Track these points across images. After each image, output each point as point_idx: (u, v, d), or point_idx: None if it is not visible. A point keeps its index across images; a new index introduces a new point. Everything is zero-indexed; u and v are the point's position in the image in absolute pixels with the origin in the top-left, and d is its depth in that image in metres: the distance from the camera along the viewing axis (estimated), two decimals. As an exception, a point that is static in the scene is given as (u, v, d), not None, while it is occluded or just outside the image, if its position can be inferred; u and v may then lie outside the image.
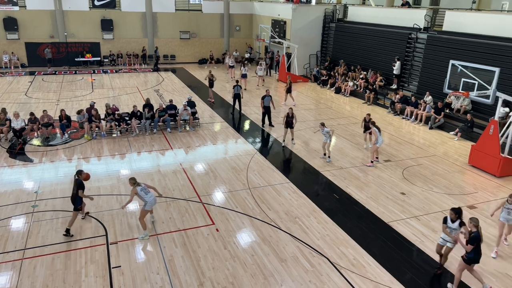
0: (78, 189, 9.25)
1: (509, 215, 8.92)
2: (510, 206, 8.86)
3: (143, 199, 9.21)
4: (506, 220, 9.01)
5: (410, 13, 22.74)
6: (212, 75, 21.83)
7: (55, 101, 20.96)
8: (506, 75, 15.54)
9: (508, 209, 8.90)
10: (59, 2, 29.24)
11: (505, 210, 8.94)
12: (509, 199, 8.86)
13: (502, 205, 9.01)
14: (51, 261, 8.50)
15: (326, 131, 13.78)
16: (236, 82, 20.03)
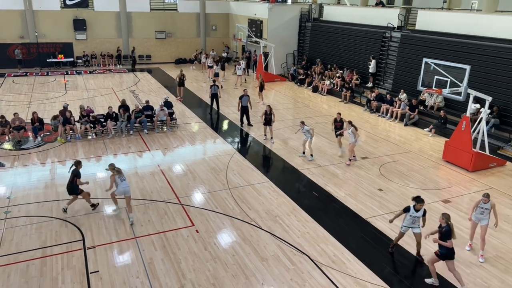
0: (74, 178, 9.99)
1: (482, 215, 8.81)
2: (483, 206, 8.75)
3: (117, 185, 9.95)
4: (478, 219, 8.88)
5: (384, 13, 23.16)
6: (183, 74, 21.86)
7: (27, 104, 20.36)
8: (477, 73, 16.01)
9: (481, 209, 8.78)
10: (29, 2, 28.40)
11: (478, 210, 8.82)
12: (483, 198, 8.72)
13: (476, 205, 8.88)
14: (26, 269, 8.24)
15: (306, 130, 13.82)
16: (213, 82, 20.03)
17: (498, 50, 16.36)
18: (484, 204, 8.77)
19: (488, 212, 8.80)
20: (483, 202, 8.76)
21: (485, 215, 8.82)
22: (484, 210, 8.81)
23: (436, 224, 10.23)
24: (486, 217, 8.83)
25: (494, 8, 19.27)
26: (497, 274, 8.45)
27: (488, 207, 8.76)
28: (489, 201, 8.73)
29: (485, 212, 8.81)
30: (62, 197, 11.11)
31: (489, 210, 8.79)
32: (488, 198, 8.73)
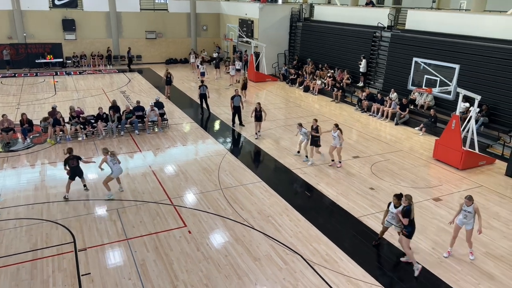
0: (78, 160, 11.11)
1: (465, 219, 8.56)
2: (466, 209, 8.50)
3: (111, 168, 10.97)
4: (462, 223, 8.66)
5: (374, 12, 23.29)
6: (170, 73, 22.39)
7: (15, 105, 20.11)
8: (466, 72, 16.18)
9: (464, 212, 8.53)
10: (17, 2, 28.04)
11: (462, 213, 8.58)
12: (466, 201, 8.49)
13: (461, 208, 8.66)
14: (16, 272, 8.14)
15: (304, 132, 13.92)
16: (202, 82, 20.05)
17: (487, 50, 16.55)
18: (467, 207, 8.50)
19: (472, 216, 8.51)
20: (466, 204, 8.50)
21: (469, 219, 8.54)
22: (467, 214, 8.51)
23: (426, 222, 10.36)
24: (470, 222, 8.56)
25: (482, 8, 19.49)
26: (487, 271, 8.54)
27: (471, 211, 8.48)
28: (472, 204, 8.46)
29: (468, 216, 8.52)
30: (52, 199, 11.01)
31: (472, 214, 8.50)
32: (470, 200, 8.46)
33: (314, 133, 13.38)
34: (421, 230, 9.94)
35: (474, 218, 8.57)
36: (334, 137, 13.23)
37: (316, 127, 13.37)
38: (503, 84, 15.84)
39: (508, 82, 15.67)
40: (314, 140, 13.48)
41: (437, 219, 10.49)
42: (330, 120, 19.00)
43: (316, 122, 13.56)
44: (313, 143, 13.53)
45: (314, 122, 13.57)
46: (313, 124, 13.57)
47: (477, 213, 8.54)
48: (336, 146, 13.34)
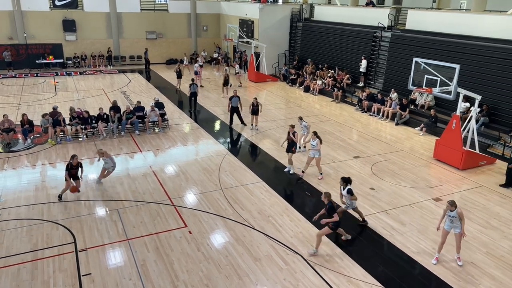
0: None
1: (452, 223, 8.48)
2: (450, 214, 8.42)
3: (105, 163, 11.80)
4: (450, 227, 8.55)
5: (374, 12, 23.29)
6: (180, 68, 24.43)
7: (16, 105, 20.13)
8: (466, 71, 16.17)
9: (450, 217, 8.46)
10: (17, 3, 28.08)
11: (448, 218, 8.50)
12: (448, 205, 8.41)
13: (444, 213, 8.57)
14: (17, 272, 8.15)
15: (304, 125, 14.28)
16: (192, 81, 20.50)
17: (487, 49, 16.55)
18: (451, 212, 8.43)
19: (458, 220, 8.41)
20: (449, 210, 8.43)
21: (455, 223, 8.45)
22: (452, 219, 8.44)
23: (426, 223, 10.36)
24: (458, 225, 8.46)
25: (482, 8, 19.49)
26: (487, 271, 8.54)
27: (455, 215, 8.38)
28: (455, 209, 8.37)
29: (454, 220, 8.44)
30: (53, 199, 11.02)
31: (457, 218, 8.40)
32: (453, 206, 8.37)
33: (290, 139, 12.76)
34: (421, 231, 9.96)
35: (460, 222, 8.45)
36: (313, 145, 12.35)
37: (293, 133, 12.78)
38: (504, 84, 15.83)
39: (508, 82, 15.67)
40: (290, 146, 12.87)
41: (438, 219, 10.43)
42: (330, 120, 19.02)
43: (293, 128, 12.87)
44: (289, 149, 12.93)
45: (291, 128, 12.86)
46: (289, 130, 12.87)
47: (461, 217, 8.41)
48: (314, 157, 12.47)
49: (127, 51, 32.22)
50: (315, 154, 12.45)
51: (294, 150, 12.95)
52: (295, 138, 12.95)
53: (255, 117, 17.12)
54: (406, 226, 10.13)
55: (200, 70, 27.48)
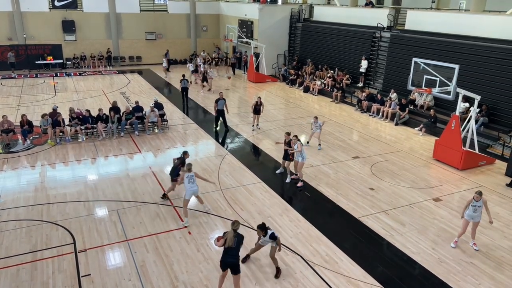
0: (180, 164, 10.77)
1: (475, 213, 8.96)
2: (476, 204, 8.89)
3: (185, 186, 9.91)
4: (471, 217, 9.03)
5: (374, 13, 23.30)
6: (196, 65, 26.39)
7: (16, 106, 20.12)
8: (465, 72, 16.18)
9: (474, 207, 8.92)
10: (16, 3, 28.07)
11: (471, 208, 8.96)
12: (476, 196, 8.87)
13: (468, 203, 9.02)
14: (16, 273, 8.14)
15: (319, 124, 14.94)
16: (183, 76, 21.31)
17: (486, 50, 16.56)
18: (477, 202, 8.93)
19: (481, 210, 8.97)
20: (475, 199, 8.92)
21: (478, 213, 9.01)
22: (477, 208, 8.95)
23: (426, 223, 10.35)
24: (479, 215, 9.02)
25: (481, 8, 19.50)
26: (487, 271, 8.54)
27: (480, 205, 8.95)
28: (481, 199, 8.91)
29: (478, 209, 8.96)
30: (52, 200, 11.01)
31: (481, 208, 8.96)
32: (480, 195, 8.89)
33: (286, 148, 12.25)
34: (421, 230, 9.96)
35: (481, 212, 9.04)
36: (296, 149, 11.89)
37: (288, 141, 12.19)
38: (503, 84, 15.84)
39: (507, 82, 15.68)
40: (286, 154, 12.40)
41: (437, 219, 10.49)
42: (329, 120, 19.01)
43: (289, 136, 12.32)
44: (285, 157, 12.50)
45: (287, 136, 12.39)
46: (285, 138, 12.42)
47: (485, 205, 9.02)
48: (298, 161, 12.01)
49: (126, 51, 32.20)
50: (298, 158, 11.93)
51: (291, 158, 12.29)
52: (291, 146, 12.02)
53: (257, 116, 17.21)
54: (406, 227, 10.13)
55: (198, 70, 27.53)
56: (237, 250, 7.28)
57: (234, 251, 7.27)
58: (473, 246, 9.26)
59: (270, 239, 8.02)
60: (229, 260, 7.30)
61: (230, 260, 7.31)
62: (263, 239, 8.12)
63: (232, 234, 7.29)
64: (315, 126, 14.98)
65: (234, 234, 7.30)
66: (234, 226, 7.40)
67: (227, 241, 7.24)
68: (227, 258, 7.31)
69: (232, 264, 7.31)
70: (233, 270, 7.34)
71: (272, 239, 8.02)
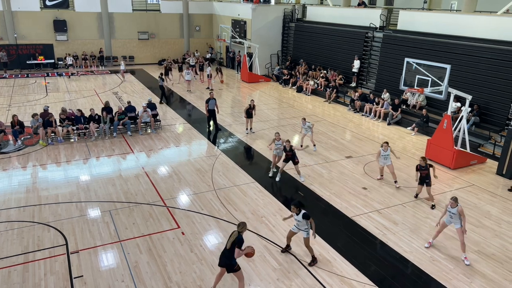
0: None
1: (451, 219, 8.75)
2: (451, 210, 8.68)
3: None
4: (449, 222, 8.87)
5: (366, 13, 23.40)
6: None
7: (6, 106, 19.92)
8: (457, 72, 16.32)
9: (450, 213, 8.72)
10: (7, 3, 27.80)
11: (448, 214, 8.78)
12: (451, 201, 8.66)
13: (445, 209, 8.88)
14: (8, 275, 8.06)
15: (308, 126, 14.65)
16: (161, 75, 21.68)
17: (477, 50, 16.70)
18: (451, 208, 8.67)
19: (458, 217, 8.65)
20: (451, 206, 8.68)
21: (455, 219, 8.72)
22: (452, 215, 8.70)
23: (419, 222, 10.42)
24: (457, 221, 8.70)
25: (473, 8, 19.67)
26: (479, 269, 8.62)
27: (455, 212, 8.62)
28: (456, 206, 8.60)
29: (453, 216, 8.69)
30: (44, 201, 10.92)
31: (457, 215, 8.63)
32: (455, 202, 8.61)
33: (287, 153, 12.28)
34: (414, 230, 10.02)
35: (460, 218, 8.70)
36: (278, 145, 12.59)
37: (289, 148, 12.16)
38: (494, 84, 15.99)
39: (498, 82, 15.83)
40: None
41: (430, 218, 10.57)
42: (323, 120, 19.07)
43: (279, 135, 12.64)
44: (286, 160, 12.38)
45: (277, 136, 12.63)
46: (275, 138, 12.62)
47: (462, 215, 8.66)
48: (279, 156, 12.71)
49: (119, 51, 32.03)
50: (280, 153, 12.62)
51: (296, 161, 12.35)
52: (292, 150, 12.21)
53: (250, 120, 16.95)
54: (399, 226, 10.19)
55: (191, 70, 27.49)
56: (231, 252, 7.23)
57: (227, 252, 7.25)
58: (464, 261, 8.77)
59: (303, 218, 8.21)
60: (223, 260, 7.31)
61: (224, 260, 7.31)
62: (296, 217, 8.29)
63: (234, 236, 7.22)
64: (304, 127, 14.85)
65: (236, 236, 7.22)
66: (239, 228, 7.33)
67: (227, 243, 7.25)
68: (222, 258, 7.33)
69: (225, 265, 7.32)
70: (228, 269, 7.36)
71: (305, 219, 8.20)
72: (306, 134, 14.98)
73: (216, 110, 17.30)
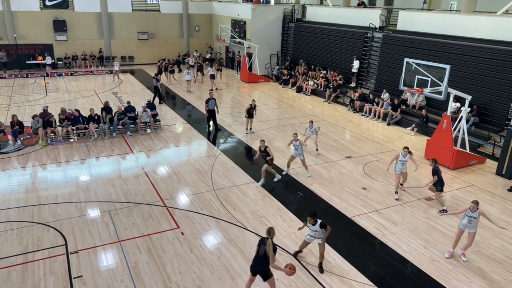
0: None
1: (470, 223, 8.49)
2: (471, 214, 8.40)
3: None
4: (464, 227, 8.62)
5: (366, 13, 23.41)
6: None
7: (6, 106, 19.92)
8: (457, 72, 16.32)
9: (469, 217, 8.44)
10: (7, 3, 27.79)
11: (466, 218, 8.49)
12: (472, 205, 8.39)
13: (464, 212, 8.60)
14: (7, 275, 8.06)
15: (314, 128, 14.56)
16: (155, 75, 21.20)
17: (477, 50, 16.71)
18: (472, 212, 8.41)
19: (477, 221, 8.47)
20: (471, 210, 8.40)
21: (473, 224, 8.50)
22: (472, 219, 8.44)
23: (418, 222, 10.42)
24: (474, 225, 8.53)
25: (472, 8, 19.68)
26: (478, 269, 8.62)
27: (476, 216, 8.41)
28: (477, 209, 8.39)
29: (473, 221, 8.45)
30: (44, 201, 10.92)
31: (477, 219, 8.44)
32: (477, 205, 8.37)
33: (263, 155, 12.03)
34: (413, 230, 10.02)
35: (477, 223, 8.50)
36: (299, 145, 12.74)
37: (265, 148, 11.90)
38: (493, 84, 16.00)
39: (498, 82, 15.84)
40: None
41: (429, 218, 10.57)
42: (322, 120, 19.07)
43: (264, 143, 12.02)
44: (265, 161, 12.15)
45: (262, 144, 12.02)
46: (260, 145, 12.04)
47: (485, 216, 8.44)
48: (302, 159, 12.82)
49: (118, 51, 32.03)
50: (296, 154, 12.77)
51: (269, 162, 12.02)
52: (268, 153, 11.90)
53: (251, 120, 16.91)
54: (398, 226, 10.20)
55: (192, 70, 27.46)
56: (265, 260, 7.01)
57: (262, 261, 7.04)
58: (461, 257, 8.84)
59: (321, 228, 8.03)
60: (258, 269, 7.17)
61: (258, 269, 7.17)
62: (312, 228, 8.12)
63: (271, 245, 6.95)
64: (310, 130, 14.68)
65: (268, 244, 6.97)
66: (271, 234, 7.07)
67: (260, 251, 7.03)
68: (256, 266, 7.15)
69: (261, 273, 7.21)
70: (263, 277, 7.23)
71: (323, 228, 8.02)
72: (310, 136, 14.82)
73: (216, 110, 17.29)
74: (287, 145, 13.89)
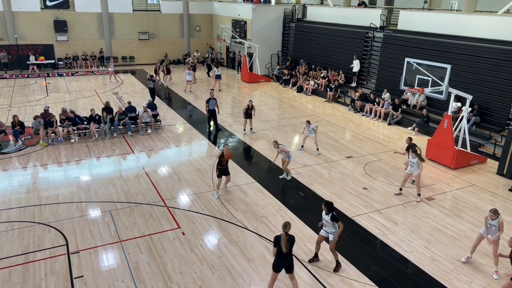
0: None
1: (490, 230, 8.37)
2: (491, 222, 8.32)
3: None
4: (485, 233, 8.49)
5: (367, 13, 23.40)
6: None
7: (7, 107, 19.94)
8: (457, 72, 16.31)
9: (490, 225, 8.34)
10: (8, 3, 27.82)
11: (489, 227, 8.37)
12: (490, 214, 8.29)
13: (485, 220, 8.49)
14: (8, 275, 8.07)
15: (312, 128, 14.52)
16: (151, 77, 20.94)
17: (478, 50, 16.69)
18: (492, 220, 8.33)
19: (497, 230, 8.32)
20: (490, 218, 8.33)
21: (493, 231, 8.37)
22: (492, 227, 8.35)
23: (419, 222, 10.42)
24: (494, 233, 8.38)
25: (473, 8, 19.66)
26: (480, 270, 8.61)
27: (495, 224, 8.29)
28: (496, 218, 8.27)
29: (493, 228, 8.35)
30: (44, 201, 10.93)
31: (497, 228, 8.31)
32: (495, 214, 8.25)
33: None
34: (414, 230, 10.02)
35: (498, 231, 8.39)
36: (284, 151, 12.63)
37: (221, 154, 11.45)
38: (494, 84, 15.98)
39: (499, 82, 15.82)
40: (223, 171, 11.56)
41: (430, 218, 10.56)
42: (323, 120, 19.07)
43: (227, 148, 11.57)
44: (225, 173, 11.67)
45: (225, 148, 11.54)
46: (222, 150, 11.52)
47: (501, 227, 8.33)
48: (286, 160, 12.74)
49: (119, 51, 32.05)
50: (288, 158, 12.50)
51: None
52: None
53: (250, 120, 16.76)
54: (399, 226, 10.19)
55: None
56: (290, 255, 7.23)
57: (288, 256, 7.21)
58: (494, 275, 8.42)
59: (331, 220, 8.12)
60: (283, 264, 7.28)
61: (284, 264, 7.29)
62: (324, 216, 8.23)
63: (285, 239, 7.08)
64: (308, 130, 14.68)
65: (287, 238, 7.11)
66: (286, 228, 7.13)
67: (282, 247, 7.09)
68: (281, 262, 7.25)
69: (286, 267, 7.33)
70: (288, 270, 7.33)
71: (333, 220, 8.12)
72: (309, 136, 14.84)
73: (217, 110, 17.29)
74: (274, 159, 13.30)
